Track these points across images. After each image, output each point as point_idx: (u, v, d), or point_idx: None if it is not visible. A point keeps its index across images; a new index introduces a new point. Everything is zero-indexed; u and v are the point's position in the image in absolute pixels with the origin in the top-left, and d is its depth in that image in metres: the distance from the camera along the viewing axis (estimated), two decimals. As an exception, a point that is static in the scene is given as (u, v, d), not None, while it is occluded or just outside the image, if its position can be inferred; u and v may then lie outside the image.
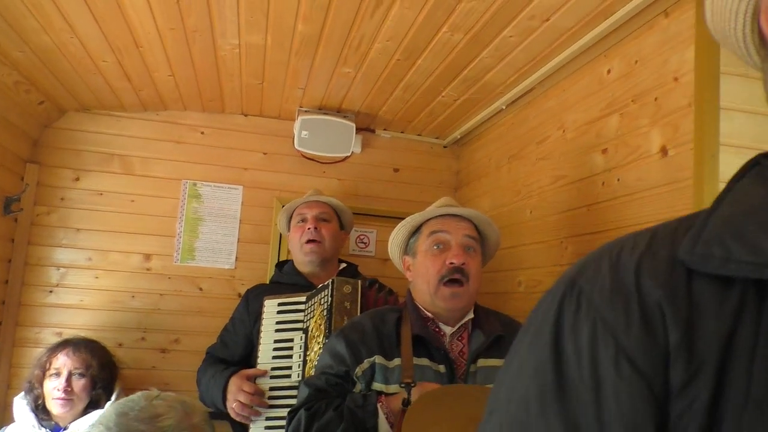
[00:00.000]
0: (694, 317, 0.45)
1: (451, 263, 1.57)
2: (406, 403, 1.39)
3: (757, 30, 0.54)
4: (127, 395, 1.35)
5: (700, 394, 0.43)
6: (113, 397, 2.15)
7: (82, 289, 2.68)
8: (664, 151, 1.55)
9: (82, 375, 2.11)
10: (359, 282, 1.92)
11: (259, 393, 1.92)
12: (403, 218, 1.73)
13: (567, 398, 0.46)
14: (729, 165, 1.36)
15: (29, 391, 2.11)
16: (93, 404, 2.12)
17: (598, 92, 1.88)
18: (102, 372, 2.16)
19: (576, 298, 0.49)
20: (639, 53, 1.69)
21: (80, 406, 2.10)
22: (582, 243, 1.91)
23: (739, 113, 1.39)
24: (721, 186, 1.42)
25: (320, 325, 1.86)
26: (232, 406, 1.92)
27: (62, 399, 2.05)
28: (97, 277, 2.70)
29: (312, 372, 1.79)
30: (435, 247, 1.62)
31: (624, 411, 0.44)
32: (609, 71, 1.83)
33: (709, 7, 0.58)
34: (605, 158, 1.81)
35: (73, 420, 2.08)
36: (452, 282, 1.56)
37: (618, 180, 1.74)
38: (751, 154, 0.54)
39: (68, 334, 2.41)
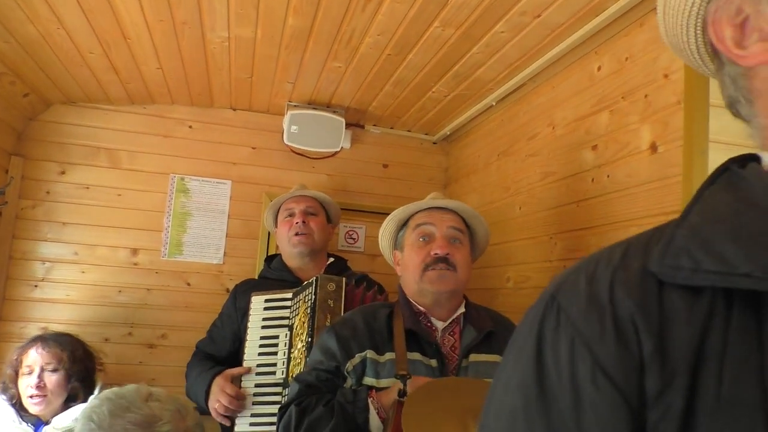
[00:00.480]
0: (666, 327, 0.46)
1: (435, 254, 1.58)
2: (402, 394, 1.39)
3: (709, 41, 0.55)
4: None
5: (675, 401, 0.44)
6: (96, 391, 2.12)
7: (68, 283, 2.66)
8: (653, 147, 1.56)
9: (55, 370, 2.07)
10: (343, 280, 1.91)
11: (239, 396, 1.92)
12: (392, 214, 1.72)
13: (549, 412, 0.47)
14: (718, 162, 1.35)
15: (4, 391, 2.08)
16: (72, 398, 2.09)
17: (589, 89, 1.88)
18: (75, 365, 2.12)
19: (555, 314, 0.50)
20: (629, 50, 1.69)
21: (57, 401, 2.06)
22: (571, 239, 1.92)
23: (728, 110, 1.40)
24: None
25: (304, 322, 1.86)
26: (214, 407, 1.94)
27: (36, 396, 2.02)
28: (83, 272, 2.68)
29: (296, 370, 1.80)
30: (420, 240, 1.64)
31: (601, 423, 0.45)
32: (599, 68, 1.83)
33: (662, 24, 0.59)
34: (595, 155, 1.82)
35: (54, 415, 2.05)
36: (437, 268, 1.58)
37: (608, 176, 1.75)
38: (740, 151, 0.54)
39: (54, 329, 2.38)
